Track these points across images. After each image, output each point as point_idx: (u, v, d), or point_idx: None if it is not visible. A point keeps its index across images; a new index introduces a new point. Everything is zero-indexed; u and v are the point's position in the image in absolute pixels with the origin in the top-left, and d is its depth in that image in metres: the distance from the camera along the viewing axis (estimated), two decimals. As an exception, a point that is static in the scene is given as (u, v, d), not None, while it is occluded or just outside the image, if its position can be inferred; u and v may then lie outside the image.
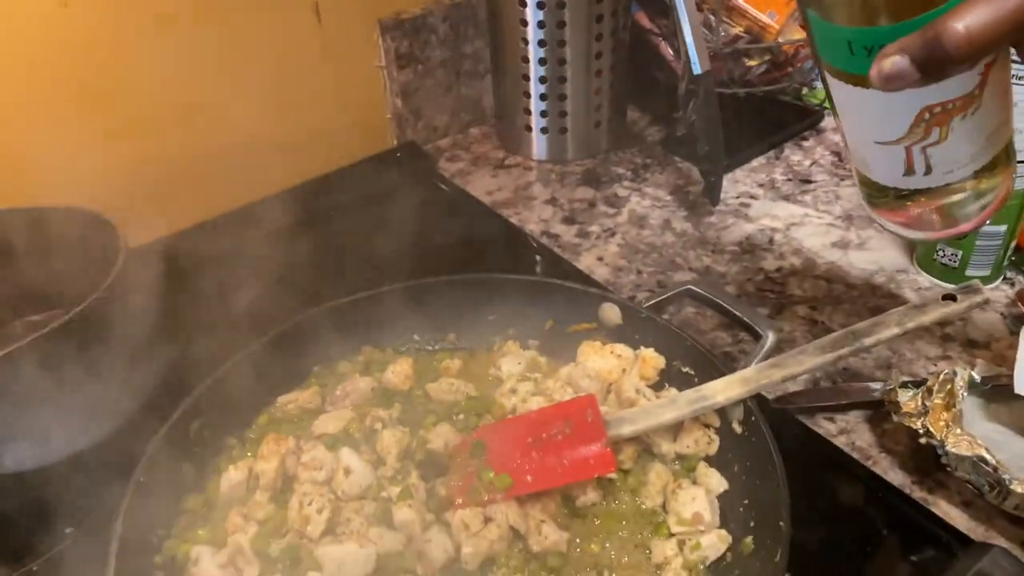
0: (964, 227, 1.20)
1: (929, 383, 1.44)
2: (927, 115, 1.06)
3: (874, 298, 1.85)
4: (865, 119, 1.15)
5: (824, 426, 1.58)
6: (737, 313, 1.56)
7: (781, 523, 1.23)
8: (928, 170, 1.13)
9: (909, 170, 1.15)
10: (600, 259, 2.03)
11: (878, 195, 1.25)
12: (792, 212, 2.14)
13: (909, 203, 1.21)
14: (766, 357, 1.48)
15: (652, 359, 1.58)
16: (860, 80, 1.04)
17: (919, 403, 1.43)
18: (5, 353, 1.43)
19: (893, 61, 0.94)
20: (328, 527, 1.33)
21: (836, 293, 1.88)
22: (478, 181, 2.37)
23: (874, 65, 0.97)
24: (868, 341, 1.38)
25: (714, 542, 1.34)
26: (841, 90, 1.12)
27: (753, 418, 1.40)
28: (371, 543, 1.28)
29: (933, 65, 0.93)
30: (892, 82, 0.95)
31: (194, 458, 1.50)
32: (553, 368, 1.68)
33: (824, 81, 1.16)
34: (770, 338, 1.51)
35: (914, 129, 1.08)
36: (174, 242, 2.09)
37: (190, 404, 1.51)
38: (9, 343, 1.44)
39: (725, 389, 1.41)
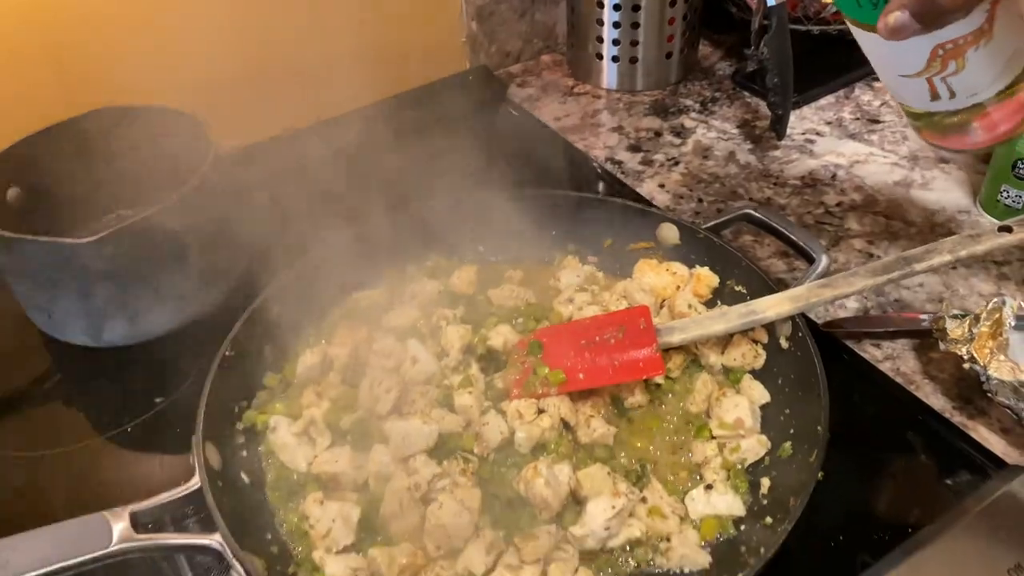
0: (1003, 129, 1.26)
1: (977, 311, 1.48)
2: (940, 51, 1.16)
3: (932, 236, 1.87)
4: (885, 59, 1.27)
5: (870, 352, 1.63)
6: (793, 237, 1.61)
7: (819, 427, 1.30)
8: (952, 95, 1.24)
9: (935, 96, 1.25)
10: (662, 186, 2.08)
11: (916, 119, 1.37)
12: (857, 150, 2.15)
13: (945, 123, 1.30)
14: (818, 279, 1.53)
15: (707, 277, 1.64)
16: (873, 28, 1.14)
17: (966, 330, 1.47)
18: (106, 234, 1.57)
19: (895, 16, 1.06)
20: (395, 406, 1.45)
21: (894, 229, 1.90)
22: (547, 107, 2.43)
23: (880, 20, 1.09)
24: (920, 266, 1.42)
25: (753, 446, 1.41)
26: (860, 36, 1.23)
27: (800, 334, 1.46)
28: (433, 421, 1.40)
29: (931, 17, 1.05)
30: (896, 34, 1.08)
31: (274, 341, 1.63)
32: (610, 283, 1.76)
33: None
34: (823, 261, 1.56)
35: (931, 64, 1.19)
36: (255, 151, 2.20)
37: (272, 292, 1.63)
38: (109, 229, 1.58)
39: (775, 305, 1.47)
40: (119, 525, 1.24)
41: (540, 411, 1.46)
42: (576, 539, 1.29)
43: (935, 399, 1.53)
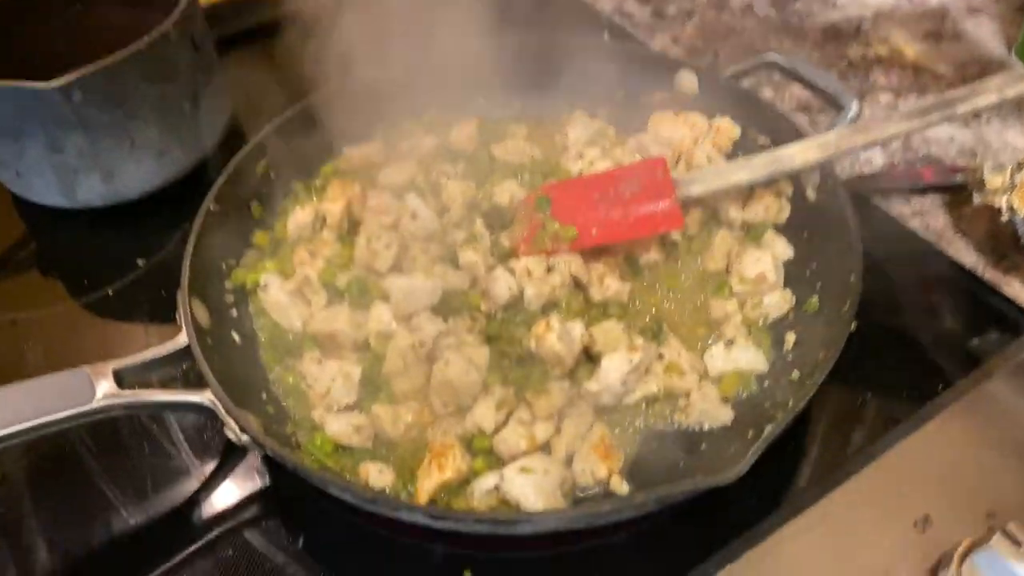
0: None
1: (1020, 159, 1.38)
2: None
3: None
4: None
5: (898, 208, 1.54)
6: (820, 83, 1.48)
7: (852, 276, 1.21)
8: None
9: None
10: (675, 40, 1.94)
11: None
12: (883, 1, 2.00)
13: None
14: (851, 124, 1.42)
15: (727, 128, 1.53)
16: None
17: (1007, 178, 1.37)
18: (74, 78, 1.43)
19: None
20: (395, 263, 1.35)
21: (923, 82, 1.78)
22: (548, -43, 2.24)
23: None
24: (962, 108, 1.31)
25: (777, 301, 1.33)
26: None
27: (830, 183, 1.36)
28: (437, 277, 1.30)
29: None
30: None
31: (261, 197, 1.51)
32: (622, 138, 1.63)
33: None
34: (853, 108, 1.43)
35: None
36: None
37: (256, 144, 1.51)
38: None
39: (803, 152, 1.36)
40: (102, 381, 1.15)
41: (550, 269, 1.37)
42: (591, 395, 1.22)
43: (967, 255, 1.45)
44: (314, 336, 1.34)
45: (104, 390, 1.14)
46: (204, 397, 1.17)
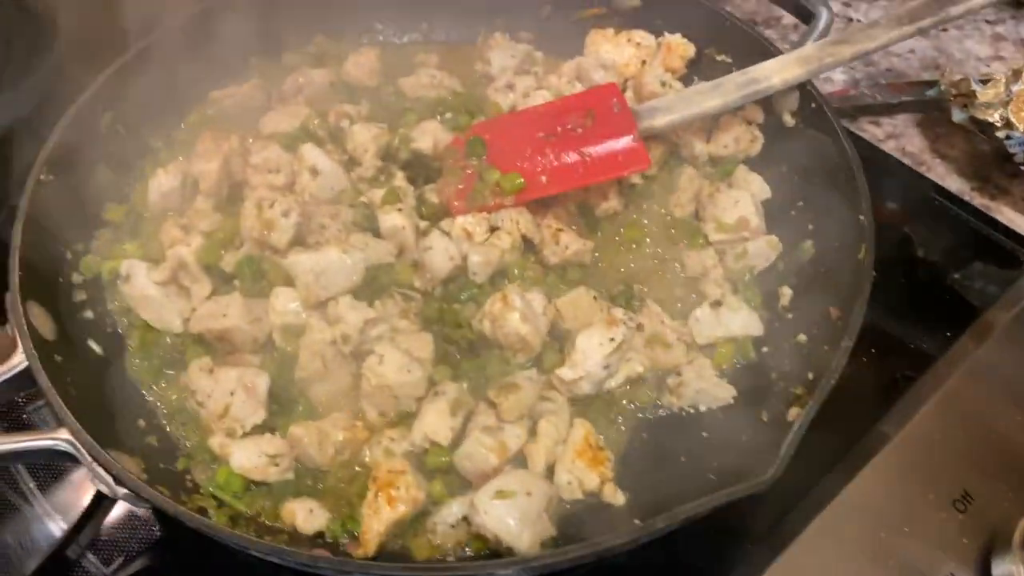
0: None
1: (1017, 66, 1.22)
2: None
3: (912, -4, 1.58)
4: None
5: (869, 130, 1.37)
6: (782, -11, 1.28)
7: (861, 216, 1.02)
8: None
9: None
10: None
11: None
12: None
13: None
14: (822, 39, 1.21)
15: (679, 46, 1.29)
16: None
17: (1002, 90, 1.21)
18: None
19: None
20: (297, 235, 1.06)
21: (875, -14, 1.60)
22: None
23: None
24: (955, 10, 1.13)
25: (763, 249, 1.13)
26: None
27: (813, 105, 1.15)
28: (356, 250, 1.02)
29: None
30: None
31: (110, 160, 1.17)
32: (554, 64, 1.37)
33: None
34: (824, 16, 1.24)
35: None
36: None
37: (95, 91, 1.16)
38: None
39: (781, 70, 1.15)
40: (-95, 434, 0.83)
41: (493, 228, 1.11)
42: (565, 384, 0.98)
43: (951, 180, 1.30)
44: (200, 337, 1.03)
45: (-93, 448, 0.81)
46: (59, 439, 0.86)
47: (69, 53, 1.37)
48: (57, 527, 1.02)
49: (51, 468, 1.05)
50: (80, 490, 1.05)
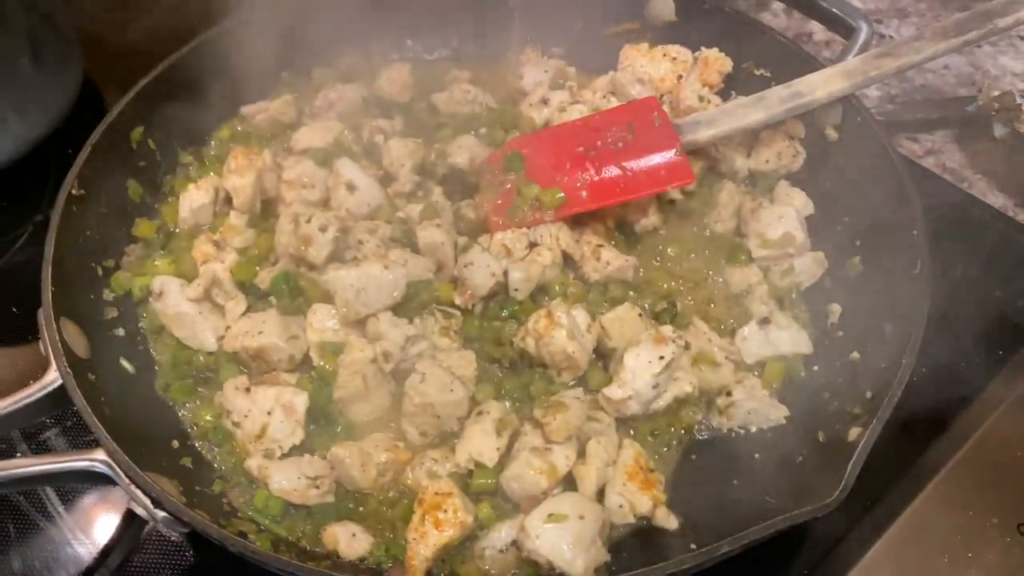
0: None
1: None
2: None
3: (945, 12, 1.58)
4: None
5: (907, 147, 1.35)
6: (823, 3, 1.25)
7: (914, 231, 0.99)
8: None
9: None
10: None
11: None
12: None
13: None
14: (862, 52, 1.19)
15: (717, 60, 1.27)
16: None
17: (1049, 104, 1.19)
18: None
19: None
20: (334, 251, 1.03)
21: (901, 5, 1.59)
22: None
23: None
24: (1003, 22, 1.11)
25: (809, 265, 1.10)
26: None
27: (859, 119, 1.13)
28: (397, 265, 0.99)
29: None
30: None
31: (141, 175, 1.15)
32: (588, 79, 1.35)
33: None
34: (864, 30, 1.21)
35: None
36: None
37: (126, 105, 1.14)
38: None
39: (826, 83, 1.13)
40: (-63, 455, 0.80)
41: (532, 244, 1.09)
42: (613, 404, 0.95)
43: (992, 196, 1.28)
44: (235, 355, 1.01)
45: (-59, 468, 0.78)
46: (94, 460, 0.83)
47: (97, 67, 1.36)
48: (84, 549, 0.98)
49: (78, 488, 1.01)
50: (107, 511, 1.01)
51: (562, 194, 1.09)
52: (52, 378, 0.88)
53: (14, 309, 1.14)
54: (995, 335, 1.14)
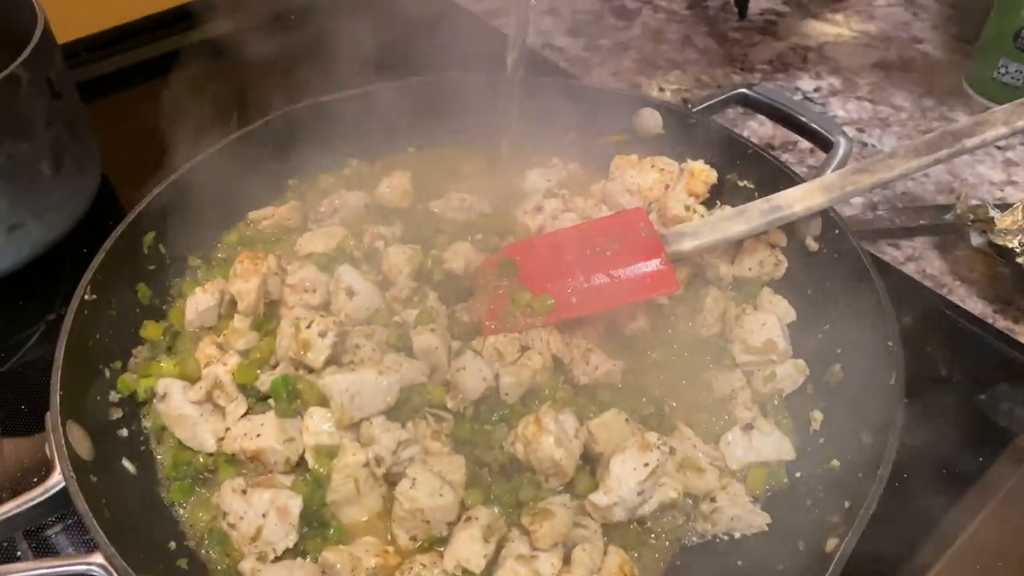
0: None
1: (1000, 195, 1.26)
2: None
3: (924, 121, 1.65)
4: None
5: (889, 253, 1.40)
6: (802, 117, 1.32)
7: (889, 342, 1.03)
8: None
9: None
10: (615, 74, 1.76)
11: None
12: (823, 31, 1.89)
13: None
14: (841, 165, 1.26)
15: (702, 172, 1.33)
16: None
17: (1019, 217, 1.24)
18: None
19: None
20: (332, 355, 1.08)
21: (883, 115, 1.67)
22: (461, -11, 2.04)
23: None
24: (970, 142, 1.17)
25: (790, 372, 1.14)
26: None
27: (838, 231, 1.18)
28: (391, 371, 1.04)
29: None
30: None
31: (149, 279, 1.21)
32: (580, 185, 1.42)
33: None
34: (843, 145, 1.28)
35: None
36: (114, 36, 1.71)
37: (140, 213, 1.20)
38: None
39: (804, 198, 1.18)
40: (-59, 558, 0.83)
41: (524, 348, 1.13)
42: (599, 510, 0.98)
43: (972, 303, 1.32)
44: (233, 457, 1.04)
45: (-56, 573, 0.81)
46: (92, 564, 0.86)
47: (113, 167, 1.43)
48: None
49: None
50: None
51: (552, 301, 1.14)
52: (56, 481, 0.91)
53: (23, 407, 1.17)
54: (978, 437, 1.17)
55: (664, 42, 1.84)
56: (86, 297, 1.08)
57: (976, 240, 1.31)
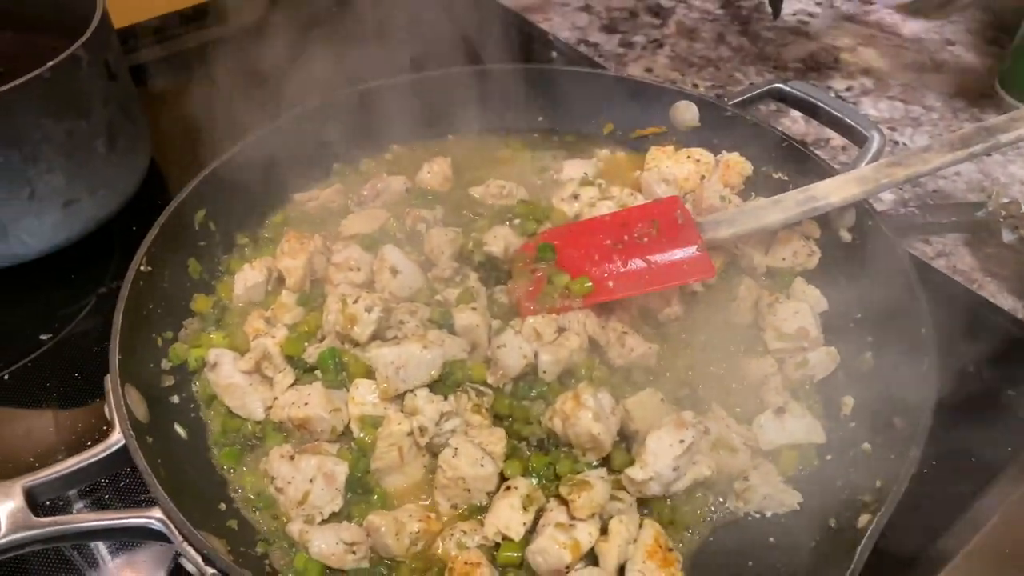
0: None
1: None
2: None
3: (956, 121, 1.67)
4: None
5: (919, 248, 1.42)
6: (836, 112, 1.35)
7: (923, 329, 1.06)
8: None
9: None
10: (649, 70, 1.79)
11: None
12: (857, 31, 1.91)
13: None
14: (874, 160, 1.28)
15: (737, 164, 1.37)
16: None
17: (1052, 214, 1.26)
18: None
19: None
20: (377, 330, 1.11)
21: (915, 115, 1.68)
22: (498, -16, 2.08)
23: None
24: (1005, 137, 1.19)
25: (822, 359, 1.16)
26: None
27: (870, 223, 1.21)
28: (435, 345, 1.07)
29: None
30: None
31: (200, 254, 1.25)
32: (615, 177, 1.45)
33: None
34: (876, 140, 1.30)
35: None
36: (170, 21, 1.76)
37: (193, 190, 1.24)
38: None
39: (839, 189, 1.21)
40: (8, 506, 0.87)
41: (561, 329, 1.16)
42: (635, 484, 1.00)
43: (1002, 298, 1.33)
44: (281, 425, 1.08)
45: (15, 519, 0.85)
46: (152, 518, 0.90)
47: (162, 149, 1.48)
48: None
49: (124, 543, 1.07)
50: (152, 567, 1.05)
51: (590, 283, 1.17)
52: (116, 439, 0.94)
53: (77, 375, 1.22)
54: (1006, 429, 1.19)
55: (698, 40, 1.87)
56: (142, 268, 1.12)
57: (1008, 237, 1.33)
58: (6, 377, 1.23)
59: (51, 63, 1.21)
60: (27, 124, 1.21)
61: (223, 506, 1.01)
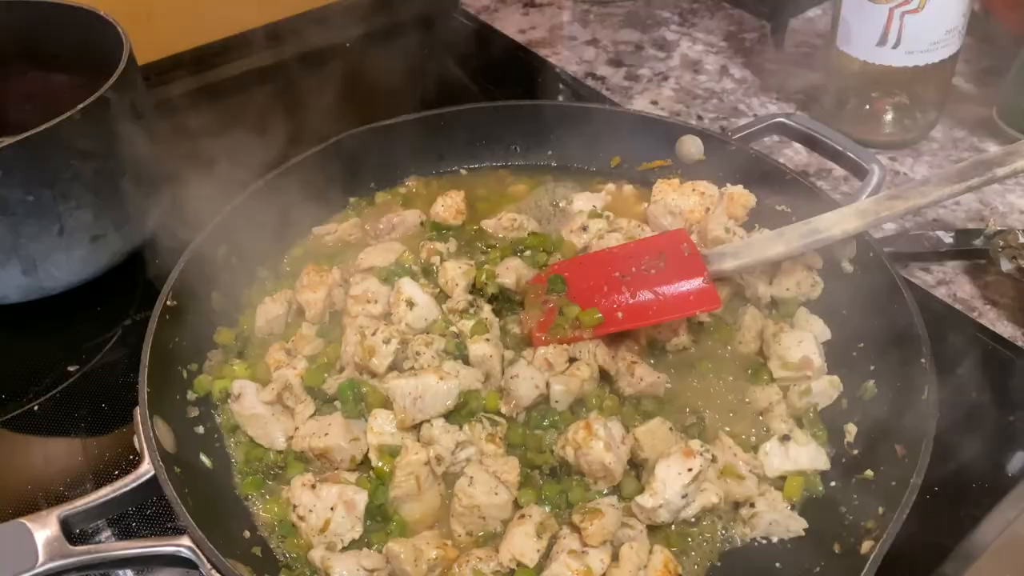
0: None
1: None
2: None
3: (956, 151, 1.71)
4: None
5: (920, 276, 1.45)
6: (837, 146, 1.39)
7: (922, 360, 1.09)
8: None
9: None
10: (654, 103, 1.84)
11: None
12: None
13: None
14: (875, 192, 1.32)
15: (741, 196, 1.41)
16: None
17: (1048, 244, 1.30)
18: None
19: None
20: (395, 361, 1.15)
21: (915, 145, 1.72)
22: (507, 18, 2.13)
23: None
24: (1002, 171, 1.22)
25: (825, 388, 1.19)
26: None
27: (871, 254, 1.24)
28: (451, 376, 1.11)
29: None
30: None
31: (223, 287, 1.29)
32: (622, 209, 1.49)
33: None
34: (877, 172, 1.35)
35: None
36: (186, 59, 1.82)
37: (216, 227, 1.29)
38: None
39: (840, 222, 1.24)
40: (45, 534, 0.91)
41: (572, 359, 1.20)
42: (645, 512, 1.04)
43: (1002, 326, 1.36)
44: (302, 454, 1.12)
45: (51, 548, 0.89)
46: (181, 546, 0.94)
47: (187, 189, 1.53)
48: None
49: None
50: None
51: (600, 315, 1.21)
52: (145, 470, 0.99)
53: (104, 405, 1.26)
54: (1008, 457, 1.22)
55: (702, 72, 1.92)
56: (168, 303, 1.17)
57: (1006, 266, 1.37)
58: (36, 408, 1.27)
59: (81, 105, 1.26)
60: (58, 164, 1.26)
61: (247, 534, 1.05)
